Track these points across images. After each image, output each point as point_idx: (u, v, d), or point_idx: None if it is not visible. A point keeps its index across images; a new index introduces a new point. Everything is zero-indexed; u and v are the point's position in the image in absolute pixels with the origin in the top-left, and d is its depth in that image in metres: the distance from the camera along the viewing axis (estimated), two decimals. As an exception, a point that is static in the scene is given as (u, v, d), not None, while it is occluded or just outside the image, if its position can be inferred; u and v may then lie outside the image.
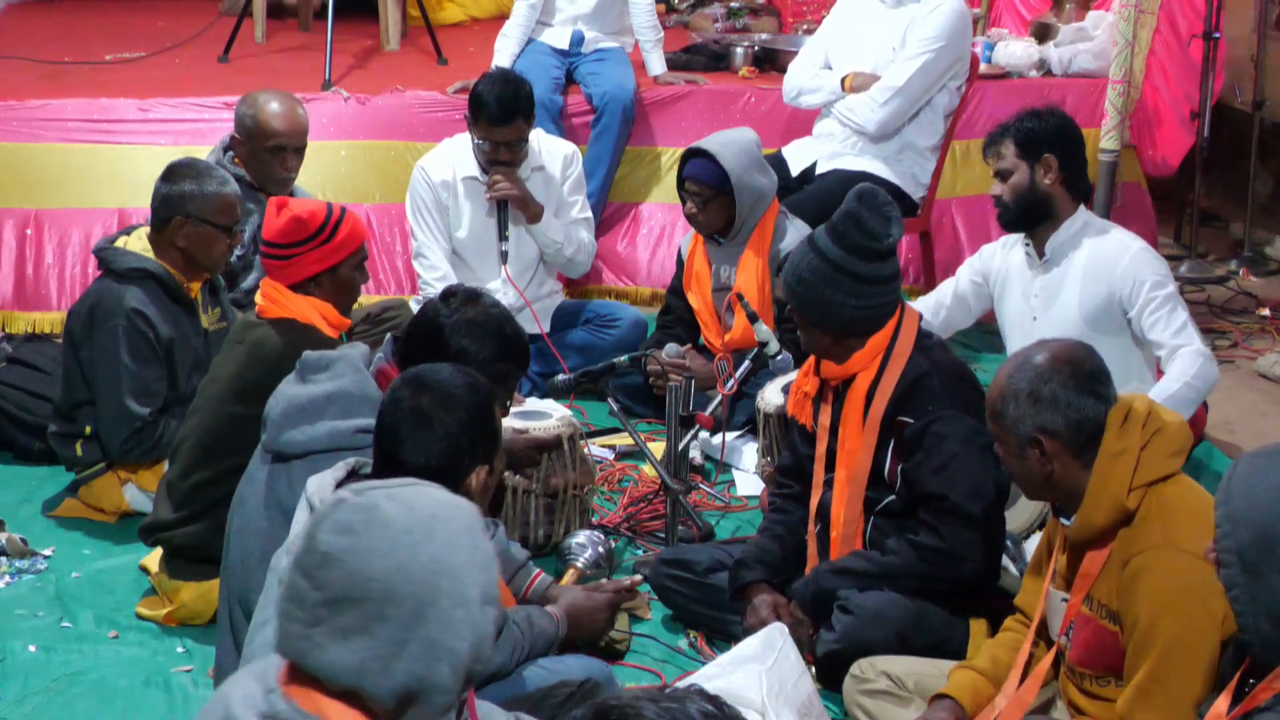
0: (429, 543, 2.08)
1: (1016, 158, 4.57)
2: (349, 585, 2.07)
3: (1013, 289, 4.78)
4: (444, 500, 2.15)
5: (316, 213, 4.00)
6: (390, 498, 2.12)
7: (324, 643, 2.07)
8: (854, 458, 3.86)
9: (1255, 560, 2.55)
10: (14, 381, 5.18)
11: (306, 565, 2.10)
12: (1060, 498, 3.27)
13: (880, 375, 3.84)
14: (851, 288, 3.81)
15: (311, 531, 2.12)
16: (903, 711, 3.58)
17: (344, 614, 2.06)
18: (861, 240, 3.81)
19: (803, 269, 3.85)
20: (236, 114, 5.30)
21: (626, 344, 5.68)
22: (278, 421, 3.37)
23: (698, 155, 5.25)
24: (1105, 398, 3.19)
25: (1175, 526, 3.11)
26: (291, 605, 2.10)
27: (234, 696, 2.16)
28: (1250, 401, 5.79)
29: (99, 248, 4.73)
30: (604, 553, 4.34)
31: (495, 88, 5.43)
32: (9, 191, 6.32)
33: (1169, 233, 7.52)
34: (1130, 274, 4.55)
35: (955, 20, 6.02)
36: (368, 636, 2.06)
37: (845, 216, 3.83)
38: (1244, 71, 7.40)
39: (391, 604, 2.06)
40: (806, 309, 3.88)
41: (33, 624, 4.17)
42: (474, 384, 2.92)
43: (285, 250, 3.97)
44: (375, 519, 2.09)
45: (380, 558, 2.07)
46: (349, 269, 4.05)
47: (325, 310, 4.00)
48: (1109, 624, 3.18)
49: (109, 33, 8.14)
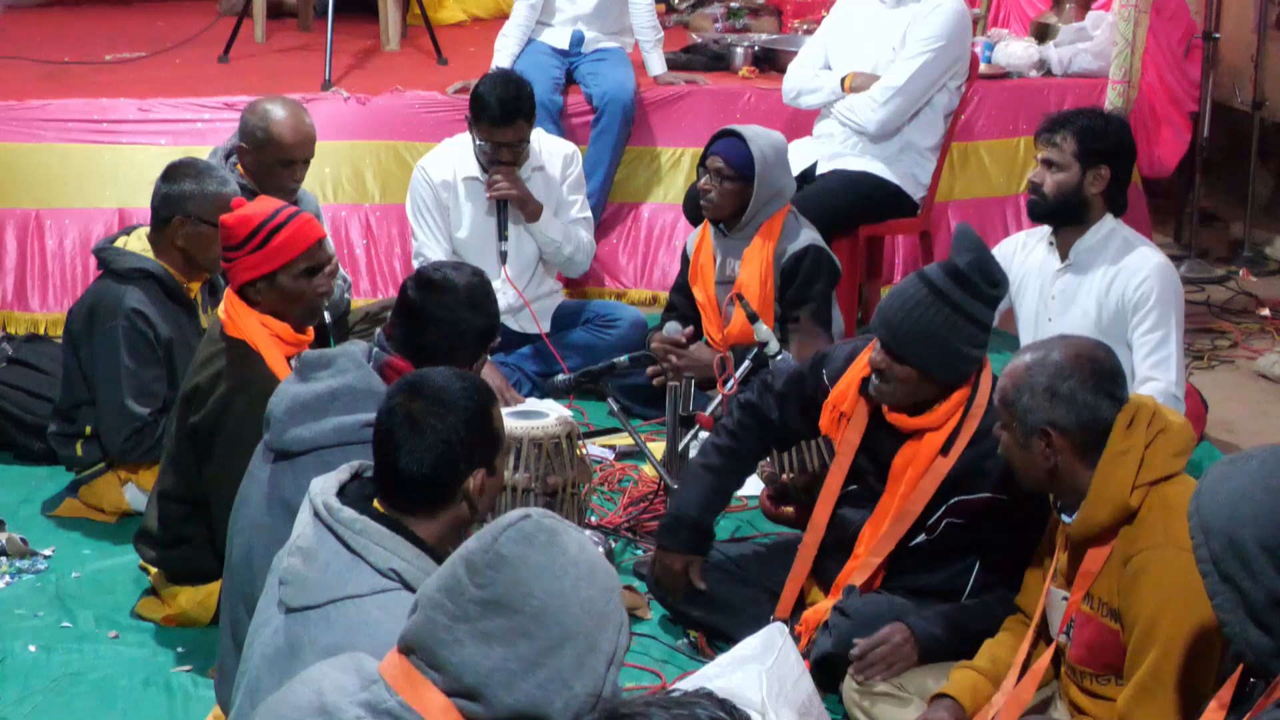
0: (590, 584, 2.18)
1: (1073, 157, 4.48)
2: (509, 593, 2.15)
3: (1030, 288, 4.75)
4: (603, 557, 2.27)
5: (252, 217, 3.90)
6: (567, 531, 2.23)
7: (464, 639, 2.14)
8: (909, 505, 3.76)
9: (1230, 569, 2.53)
10: (14, 381, 5.18)
11: (477, 562, 2.17)
12: (1058, 491, 3.28)
13: (958, 429, 3.72)
14: (974, 337, 3.68)
15: (491, 531, 2.19)
16: (902, 712, 3.58)
17: (494, 618, 2.14)
18: (988, 288, 3.68)
19: (929, 319, 3.64)
20: (244, 124, 5.19)
21: (626, 344, 5.67)
22: (281, 419, 3.37)
23: (728, 135, 5.25)
24: (1120, 399, 3.20)
25: (1177, 525, 3.10)
26: (443, 596, 2.17)
27: (324, 686, 2.22)
28: (1250, 401, 5.79)
29: (99, 248, 4.73)
30: (604, 553, 4.33)
31: (497, 88, 5.43)
32: (9, 191, 6.31)
33: (1169, 233, 7.52)
34: (1143, 288, 4.52)
35: (955, 20, 6.02)
36: (507, 648, 2.13)
37: (973, 264, 3.66)
38: (1244, 71, 7.40)
39: (540, 625, 2.14)
40: (929, 362, 3.67)
41: (33, 624, 4.17)
42: (470, 386, 2.91)
43: (225, 253, 3.95)
44: (555, 542, 2.19)
45: (548, 578, 2.16)
46: (290, 278, 3.91)
47: (280, 329, 3.93)
48: (1110, 622, 3.19)
49: (109, 33, 8.14)
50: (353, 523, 2.71)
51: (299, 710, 2.25)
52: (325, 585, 2.68)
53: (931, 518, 3.76)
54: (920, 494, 3.74)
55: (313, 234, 3.95)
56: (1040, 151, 4.55)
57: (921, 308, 3.65)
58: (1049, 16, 7.40)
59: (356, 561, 2.68)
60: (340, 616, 2.64)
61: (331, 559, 2.70)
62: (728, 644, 3.87)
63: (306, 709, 2.24)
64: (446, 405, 2.83)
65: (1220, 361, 6.16)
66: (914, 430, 3.75)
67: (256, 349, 3.90)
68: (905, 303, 3.67)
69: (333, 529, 2.72)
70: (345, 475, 2.87)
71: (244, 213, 3.93)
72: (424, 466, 2.78)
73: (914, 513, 3.76)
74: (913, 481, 3.75)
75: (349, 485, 2.84)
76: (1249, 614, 2.54)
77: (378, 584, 2.64)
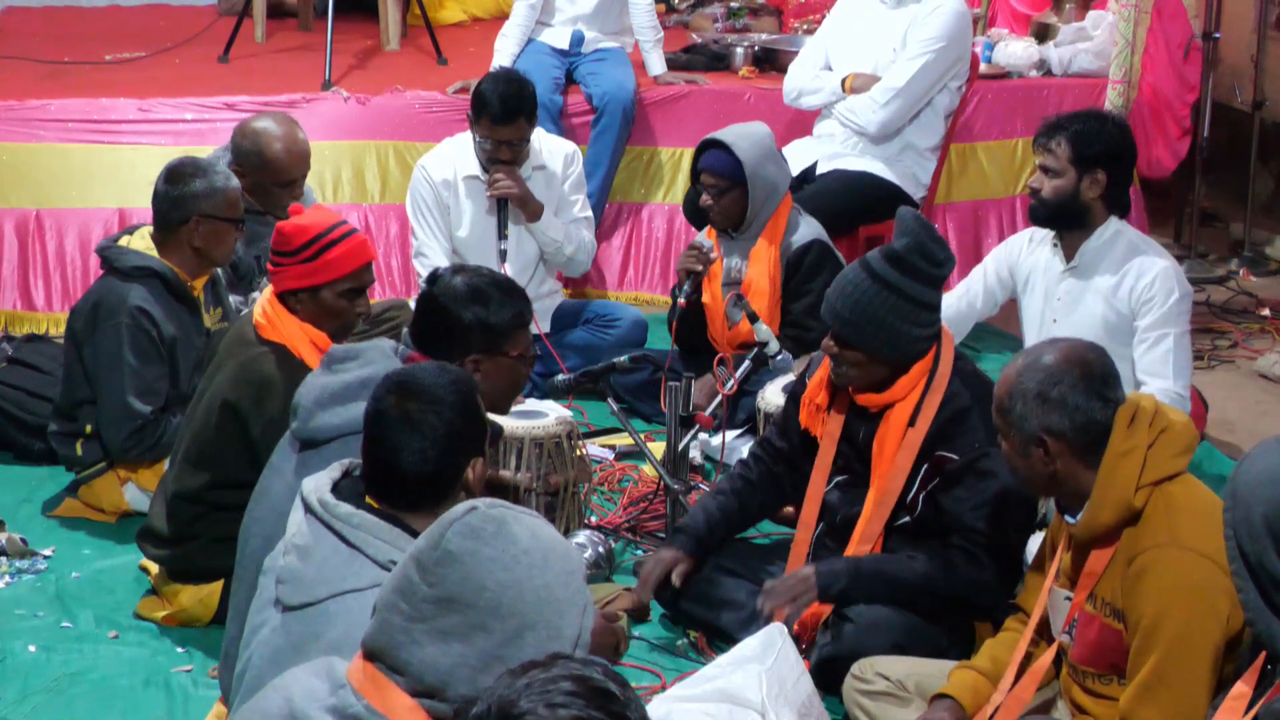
0: (544, 571, 2.14)
1: (1068, 162, 4.49)
2: (462, 588, 2.12)
3: (1035, 287, 4.75)
4: (559, 539, 2.22)
5: (310, 228, 3.93)
6: (517, 519, 2.18)
7: (422, 639, 2.12)
8: (888, 481, 3.83)
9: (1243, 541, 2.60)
10: (14, 381, 5.18)
11: (426, 561, 2.15)
12: (1062, 495, 3.27)
13: (922, 400, 3.80)
14: (923, 317, 3.78)
15: (438, 529, 2.16)
16: (903, 712, 3.58)
17: (449, 615, 2.11)
18: (929, 268, 3.77)
19: (868, 304, 3.76)
20: (238, 148, 5.12)
21: (626, 344, 5.68)
22: (309, 408, 3.37)
23: (713, 146, 5.24)
24: (1113, 400, 3.19)
25: (1181, 525, 3.11)
26: (397, 597, 2.15)
27: (294, 691, 2.20)
28: (1250, 401, 5.79)
29: (102, 247, 4.73)
30: (604, 553, 4.35)
31: (498, 87, 5.43)
32: (9, 191, 6.32)
33: (1169, 233, 7.51)
34: (1149, 290, 4.52)
35: (955, 20, 6.02)
36: (465, 644, 2.11)
37: (911, 246, 3.76)
38: (1244, 71, 7.40)
39: (496, 618, 2.11)
40: (874, 345, 3.79)
41: (33, 624, 4.17)
42: (456, 380, 2.94)
43: (274, 257, 3.96)
44: (503, 532, 2.15)
45: (499, 570, 2.12)
46: (333, 294, 3.95)
47: (316, 337, 3.94)
48: (1113, 622, 3.19)
49: (109, 33, 8.13)
50: (350, 517, 2.71)
51: (269, 717, 2.24)
52: (325, 581, 2.68)
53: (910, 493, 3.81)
54: (898, 469, 3.81)
55: (365, 255, 3.99)
56: (1037, 157, 4.56)
57: (861, 293, 3.77)
58: (1049, 16, 7.40)
59: (355, 555, 2.68)
60: (342, 611, 2.64)
61: (330, 555, 2.70)
62: (728, 644, 3.87)
63: (277, 715, 2.23)
64: (439, 401, 2.85)
65: (1220, 361, 6.16)
66: (881, 407, 3.84)
67: (297, 354, 3.91)
68: (847, 289, 3.79)
69: (329, 524, 2.72)
70: (336, 474, 2.87)
71: (302, 221, 3.94)
72: (429, 464, 2.79)
73: (895, 490, 3.82)
74: (889, 458, 3.81)
75: (341, 483, 2.84)
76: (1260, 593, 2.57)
77: (378, 577, 2.62)
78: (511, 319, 3.57)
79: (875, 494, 3.86)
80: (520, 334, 3.60)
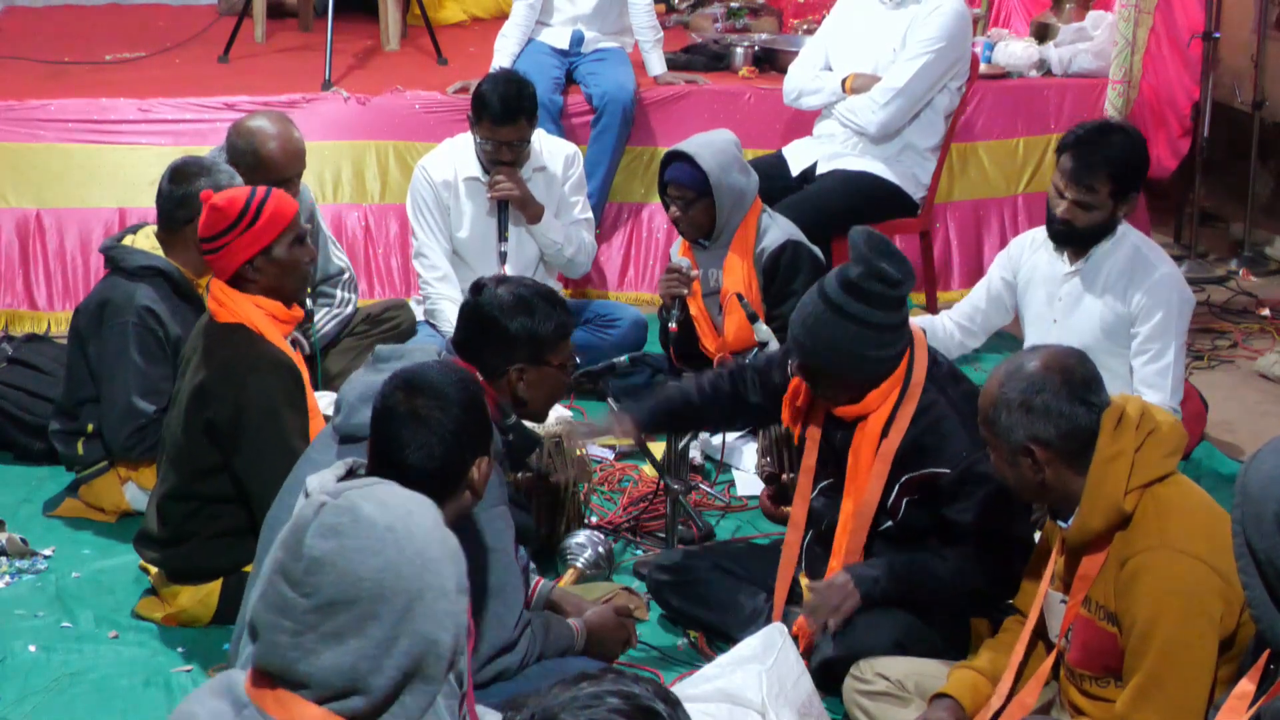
0: (411, 539, 2.11)
1: (1109, 197, 4.43)
2: (340, 588, 2.08)
3: (1037, 288, 4.74)
4: (409, 495, 2.18)
5: (236, 199, 4.01)
6: (365, 498, 2.14)
7: (316, 648, 2.07)
8: (864, 493, 3.81)
9: (1252, 537, 2.60)
10: (14, 381, 5.18)
11: (293, 573, 2.10)
12: (1054, 501, 3.28)
13: (896, 411, 3.77)
14: (884, 339, 3.72)
15: (295, 539, 2.12)
16: (903, 712, 3.58)
17: (336, 617, 2.08)
18: (887, 291, 3.70)
19: (829, 335, 3.70)
20: (233, 148, 5.11)
21: (626, 344, 5.68)
22: (352, 404, 3.38)
23: (677, 159, 5.22)
24: (1097, 405, 3.19)
25: (1172, 527, 3.11)
26: (276, 616, 2.10)
27: (200, 715, 2.15)
28: (1250, 401, 5.79)
29: (107, 246, 4.73)
30: (604, 553, 4.35)
31: (499, 87, 5.43)
32: (9, 191, 6.32)
33: (1169, 233, 7.52)
34: (1147, 296, 4.51)
35: (955, 21, 6.02)
36: (360, 637, 2.07)
37: (865, 273, 3.68)
38: (1244, 71, 7.40)
39: (382, 602, 2.08)
40: (839, 370, 3.75)
41: (33, 624, 4.18)
42: (463, 379, 2.98)
43: (216, 242, 4.00)
44: (359, 520, 2.11)
45: (370, 557, 2.09)
46: (284, 247, 4.03)
47: (273, 308, 4.03)
48: (1107, 625, 3.19)
49: (109, 33, 8.13)
50: None
51: None
52: None
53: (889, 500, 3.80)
54: (875, 478, 3.79)
55: (292, 203, 4.09)
56: (1069, 191, 4.44)
57: (821, 325, 3.71)
58: (1049, 16, 7.40)
59: None
60: None
61: None
62: (728, 644, 3.87)
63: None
64: (446, 398, 2.91)
65: (1220, 361, 6.16)
66: (856, 418, 3.82)
67: (256, 329, 3.99)
68: (808, 321, 3.73)
69: None
70: (340, 471, 2.88)
71: (225, 196, 4.03)
72: (435, 461, 2.83)
73: (872, 500, 3.80)
74: (864, 470, 3.80)
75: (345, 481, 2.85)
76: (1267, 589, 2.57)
77: None
78: (556, 329, 3.62)
79: (851, 505, 3.84)
80: (563, 344, 3.65)
